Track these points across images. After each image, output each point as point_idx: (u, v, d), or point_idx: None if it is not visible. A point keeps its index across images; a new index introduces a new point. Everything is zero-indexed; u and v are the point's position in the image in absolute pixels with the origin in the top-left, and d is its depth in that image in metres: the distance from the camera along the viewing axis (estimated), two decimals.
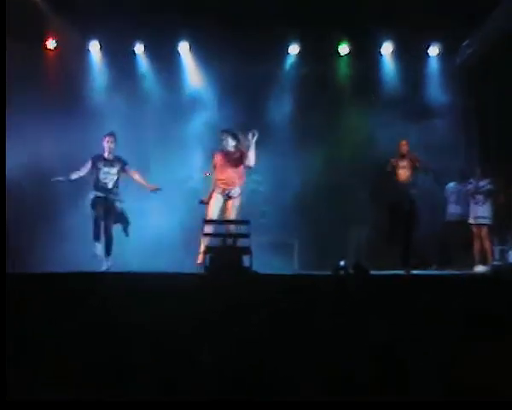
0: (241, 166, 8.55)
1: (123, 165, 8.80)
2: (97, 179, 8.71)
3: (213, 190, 8.53)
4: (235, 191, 8.53)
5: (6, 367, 2.91)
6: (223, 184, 8.51)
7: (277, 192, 10.33)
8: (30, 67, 10.20)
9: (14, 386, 2.80)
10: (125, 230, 8.88)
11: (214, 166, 8.61)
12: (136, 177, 8.85)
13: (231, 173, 8.53)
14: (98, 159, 8.76)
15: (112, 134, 8.84)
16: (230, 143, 8.58)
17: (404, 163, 9.29)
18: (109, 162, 8.77)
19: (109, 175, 8.73)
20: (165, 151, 10.45)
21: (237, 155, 8.56)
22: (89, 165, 8.73)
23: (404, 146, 9.36)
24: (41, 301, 4.12)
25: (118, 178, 8.78)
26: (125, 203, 8.84)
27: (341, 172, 10.41)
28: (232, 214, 8.50)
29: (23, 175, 9.61)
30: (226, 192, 8.50)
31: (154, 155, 10.54)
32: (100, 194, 8.65)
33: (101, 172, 8.71)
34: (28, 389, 2.80)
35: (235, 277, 6.82)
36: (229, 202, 8.52)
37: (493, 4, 9.63)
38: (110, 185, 8.72)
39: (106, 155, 8.79)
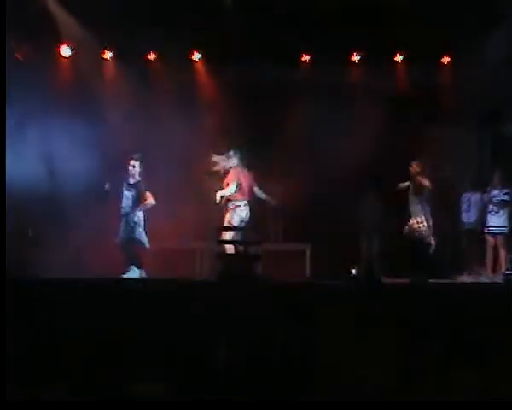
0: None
1: (140, 189, 8.88)
2: (121, 206, 8.85)
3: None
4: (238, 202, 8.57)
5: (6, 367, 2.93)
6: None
7: (289, 199, 10.28)
8: (43, 73, 10.22)
9: (14, 386, 2.81)
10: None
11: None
12: (147, 200, 8.88)
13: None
14: (124, 181, 8.94)
15: (137, 158, 8.96)
16: (233, 162, 8.75)
17: (410, 186, 9.31)
18: (130, 186, 8.86)
19: (127, 200, 8.81)
20: (179, 158, 10.46)
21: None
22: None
23: (412, 167, 9.34)
24: (45, 304, 4.15)
25: (135, 203, 8.84)
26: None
27: (354, 179, 10.34)
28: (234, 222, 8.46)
29: (35, 183, 9.65)
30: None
31: (168, 162, 10.55)
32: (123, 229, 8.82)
33: (124, 195, 8.83)
34: (28, 389, 2.81)
35: (247, 284, 6.84)
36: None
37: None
38: (127, 210, 8.79)
39: (129, 179, 8.91)
